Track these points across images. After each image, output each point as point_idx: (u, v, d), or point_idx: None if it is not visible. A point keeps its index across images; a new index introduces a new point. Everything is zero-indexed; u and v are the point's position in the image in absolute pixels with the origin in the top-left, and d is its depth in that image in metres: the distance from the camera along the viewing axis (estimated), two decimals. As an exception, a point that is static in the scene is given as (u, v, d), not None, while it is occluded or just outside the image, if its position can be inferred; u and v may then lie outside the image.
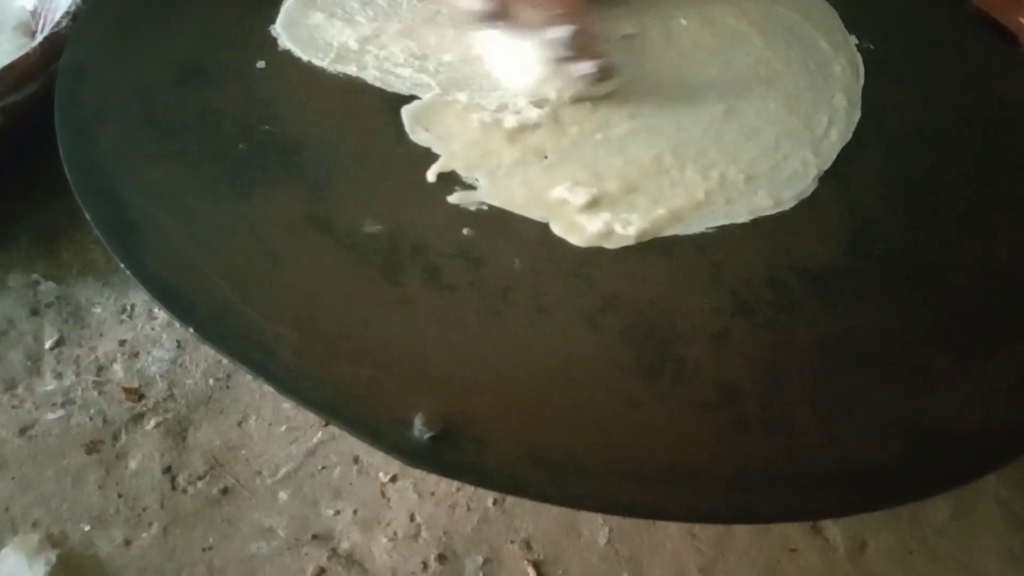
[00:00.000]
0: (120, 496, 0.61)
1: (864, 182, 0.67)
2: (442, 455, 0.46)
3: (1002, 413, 0.54)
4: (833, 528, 0.66)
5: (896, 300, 0.60)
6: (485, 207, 0.60)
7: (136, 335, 0.70)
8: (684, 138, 0.67)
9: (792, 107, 0.72)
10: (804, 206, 0.64)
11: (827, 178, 0.66)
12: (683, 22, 0.79)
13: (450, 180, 0.61)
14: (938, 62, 0.82)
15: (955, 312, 0.60)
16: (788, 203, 0.64)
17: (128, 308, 0.72)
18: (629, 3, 0.80)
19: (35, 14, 0.89)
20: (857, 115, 0.73)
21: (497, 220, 0.59)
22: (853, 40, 0.81)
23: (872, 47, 0.80)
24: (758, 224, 0.62)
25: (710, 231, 0.61)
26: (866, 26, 0.83)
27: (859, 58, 0.79)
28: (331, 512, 0.63)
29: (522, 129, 0.65)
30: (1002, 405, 0.55)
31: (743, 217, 0.62)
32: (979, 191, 0.69)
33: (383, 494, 0.64)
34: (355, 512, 0.63)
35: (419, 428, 0.46)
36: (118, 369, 0.68)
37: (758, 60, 0.76)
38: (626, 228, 0.59)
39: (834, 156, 0.68)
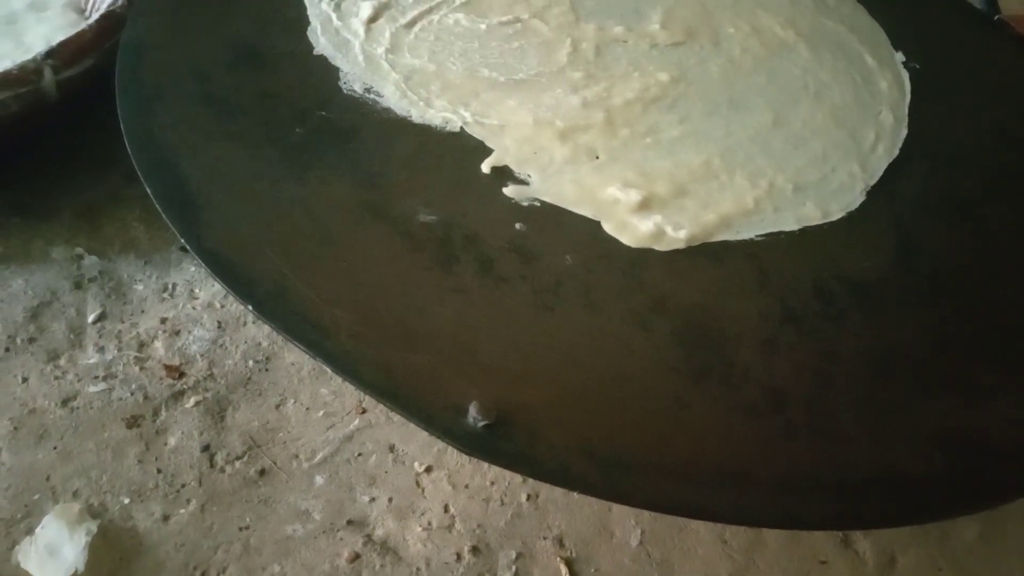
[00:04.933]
0: (159, 471, 0.61)
1: (910, 198, 0.67)
2: (495, 444, 0.46)
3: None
4: (863, 542, 0.66)
5: (941, 314, 0.60)
6: (537, 203, 0.60)
7: (177, 314, 0.71)
8: (732, 144, 0.67)
9: (839, 119, 0.72)
10: (851, 218, 0.65)
11: (874, 192, 0.67)
12: (731, 30, 0.80)
13: (503, 174, 0.61)
14: (982, 82, 0.82)
15: (999, 328, 0.60)
16: (835, 214, 0.64)
17: (170, 287, 0.73)
18: (678, 8, 0.80)
19: (85, -8, 0.89)
20: (904, 132, 0.73)
21: (549, 216, 0.59)
22: (900, 58, 0.81)
23: (918, 66, 0.81)
24: (806, 233, 0.63)
25: (759, 238, 0.61)
26: (912, 45, 0.83)
27: (905, 75, 0.80)
28: (367, 499, 0.63)
29: (574, 128, 0.65)
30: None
31: (791, 226, 0.63)
32: (1022, 211, 0.69)
33: (418, 484, 0.65)
34: (390, 500, 0.63)
35: (473, 416, 0.46)
36: (159, 346, 0.68)
37: (805, 71, 0.77)
38: (677, 231, 0.59)
39: (881, 171, 0.69)
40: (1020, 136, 0.77)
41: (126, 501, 0.59)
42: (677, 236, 0.59)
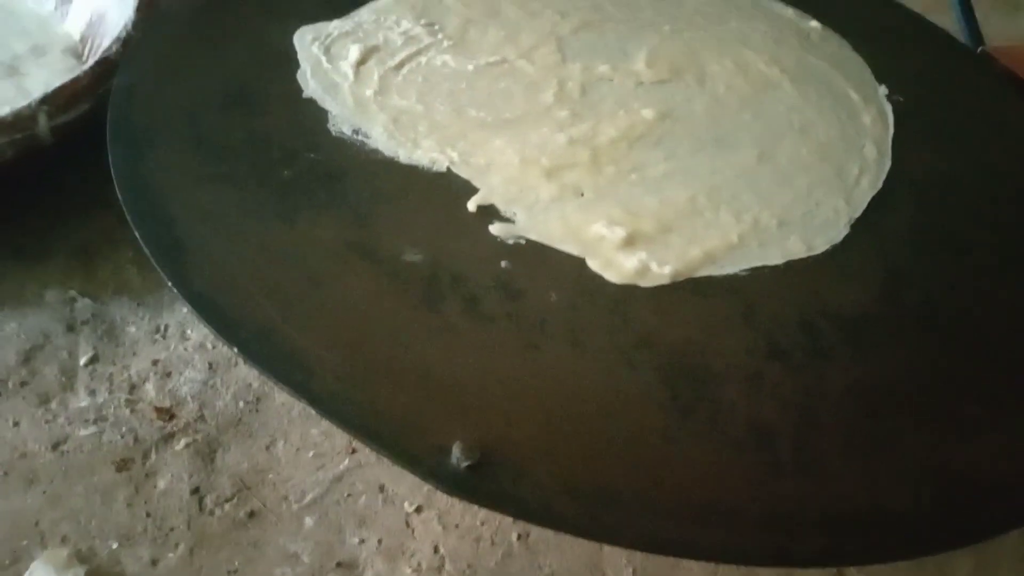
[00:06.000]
0: (148, 515, 0.61)
1: (894, 230, 0.68)
2: (479, 484, 0.46)
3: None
4: (858, 577, 0.65)
5: (927, 349, 0.60)
6: (523, 241, 0.60)
7: (169, 355, 0.71)
8: (718, 181, 0.68)
9: (824, 155, 0.73)
10: (836, 252, 0.65)
11: (858, 225, 0.67)
12: (716, 68, 0.81)
13: (489, 213, 0.62)
14: (965, 116, 0.83)
15: (986, 362, 0.60)
16: (820, 248, 0.65)
17: (162, 328, 0.73)
18: (663, 47, 0.81)
19: (83, 39, 0.91)
20: (887, 164, 0.74)
21: (534, 254, 0.60)
22: (883, 91, 0.82)
23: (901, 99, 0.82)
24: (790, 267, 0.63)
25: (743, 272, 0.62)
26: (895, 78, 0.84)
27: (888, 109, 0.81)
28: (356, 540, 0.63)
29: (560, 166, 0.66)
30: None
31: (776, 260, 0.63)
32: (1007, 243, 0.69)
33: (408, 524, 0.64)
34: (380, 541, 0.63)
35: (457, 456, 0.46)
36: (150, 388, 0.69)
37: (790, 108, 0.77)
38: (661, 267, 0.59)
39: (865, 204, 0.69)
40: (1003, 167, 0.77)
41: (114, 546, 0.59)
42: (662, 272, 0.59)
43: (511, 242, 0.60)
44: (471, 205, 0.62)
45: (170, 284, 0.52)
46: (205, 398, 0.69)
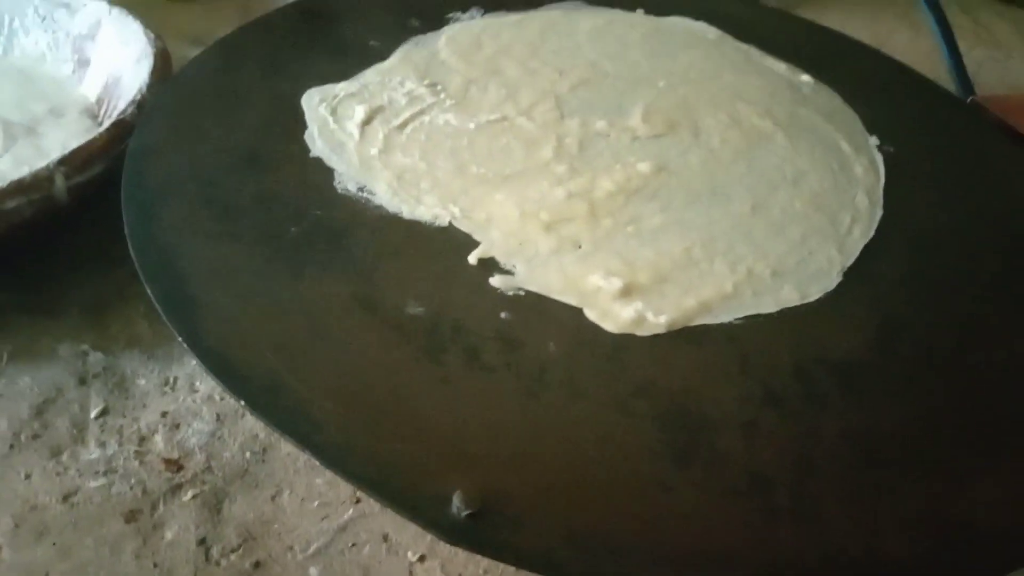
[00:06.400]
0: (156, 566, 0.62)
1: (887, 278, 0.69)
2: (479, 533, 0.47)
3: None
4: (863, 625, 0.65)
5: (922, 397, 0.61)
6: (522, 292, 0.62)
7: (178, 407, 0.72)
8: (714, 232, 0.70)
9: (817, 205, 0.75)
10: (829, 300, 0.66)
11: (851, 273, 0.69)
12: (711, 122, 0.83)
13: (489, 266, 0.64)
14: (956, 165, 0.85)
15: (980, 411, 0.61)
16: (813, 296, 0.66)
17: (171, 380, 0.75)
18: (656, 101, 0.84)
19: (99, 101, 0.95)
20: (879, 213, 0.76)
21: (533, 305, 0.62)
22: (874, 141, 0.85)
23: (892, 149, 0.84)
24: (784, 316, 0.64)
25: (738, 321, 0.63)
26: (885, 129, 0.87)
27: (879, 159, 0.83)
28: (360, 590, 0.63)
29: (558, 220, 0.68)
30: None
31: (770, 308, 0.64)
32: (1001, 293, 0.71)
33: (411, 574, 0.65)
34: (383, 591, 0.63)
35: (457, 505, 0.47)
36: (159, 440, 0.70)
37: (783, 160, 0.80)
38: (657, 316, 0.61)
39: (857, 252, 0.71)
40: (994, 214, 0.79)
41: (122, 597, 0.60)
42: (658, 321, 0.61)
43: (511, 294, 0.62)
44: (472, 258, 0.64)
45: (180, 339, 0.54)
46: (212, 449, 0.70)
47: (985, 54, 1.37)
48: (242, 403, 0.51)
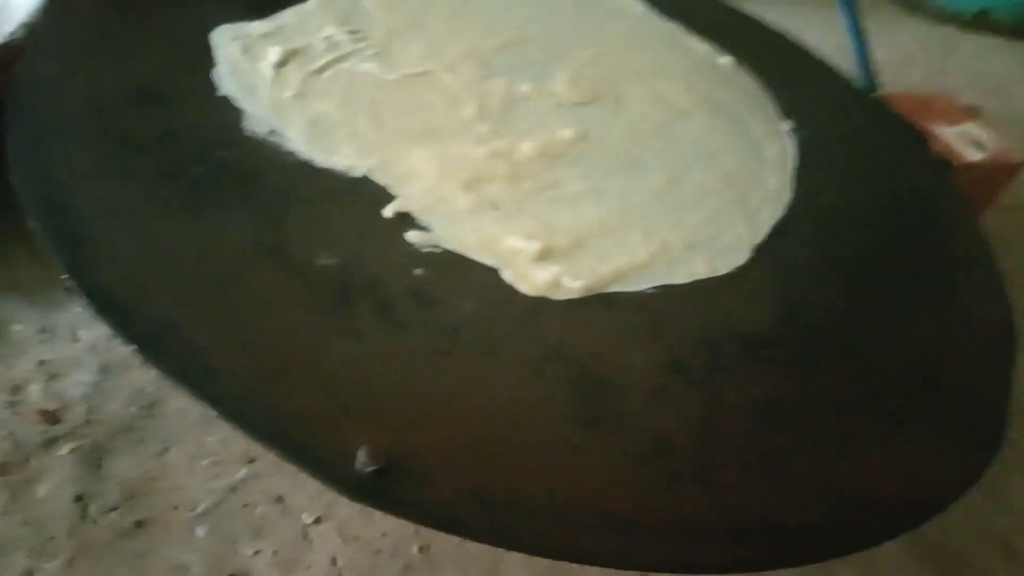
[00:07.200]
0: (25, 523, 0.57)
1: (793, 256, 0.71)
2: (384, 490, 0.45)
3: (912, 481, 0.57)
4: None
5: (820, 368, 0.63)
6: (438, 249, 0.60)
7: (57, 356, 0.67)
8: (631, 202, 0.70)
9: (730, 183, 0.76)
10: (738, 275, 0.67)
11: (760, 250, 0.70)
12: (633, 94, 0.83)
13: (405, 221, 0.62)
14: (860, 151, 0.89)
15: (875, 383, 0.63)
16: (723, 270, 0.67)
17: (50, 328, 0.69)
18: (584, 70, 0.84)
19: (-18, 22, 0.86)
20: (787, 195, 0.78)
21: (449, 263, 0.60)
22: (787, 126, 0.87)
23: (803, 135, 0.86)
24: (696, 288, 0.65)
25: (651, 290, 0.63)
26: (798, 115, 0.89)
27: (790, 143, 0.85)
28: (250, 552, 0.60)
29: (478, 179, 0.66)
30: (912, 474, 0.58)
31: (682, 279, 0.65)
32: (898, 272, 0.74)
33: (305, 536, 0.63)
34: (275, 553, 0.61)
35: (362, 461, 0.45)
36: (34, 390, 0.65)
37: (700, 137, 0.81)
38: (573, 281, 0.61)
39: (766, 231, 0.72)
40: (893, 200, 0.82)
41: (-15, 555, 0.55)
42: (573, 286, 0.60)
43: (426, 250, 0.60)
44: (388, 212, 0.62)
45: (66, 275, 0.50)
46: (94, 402, 0.65)
47: (889, 55, 1.43)
48: (134, 348, 0.47)
